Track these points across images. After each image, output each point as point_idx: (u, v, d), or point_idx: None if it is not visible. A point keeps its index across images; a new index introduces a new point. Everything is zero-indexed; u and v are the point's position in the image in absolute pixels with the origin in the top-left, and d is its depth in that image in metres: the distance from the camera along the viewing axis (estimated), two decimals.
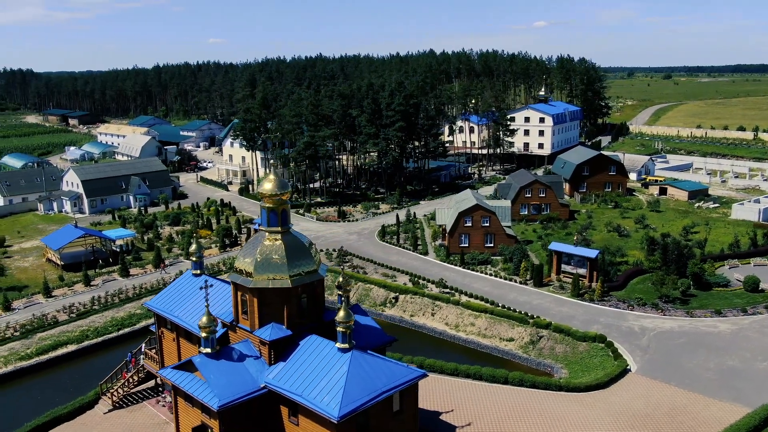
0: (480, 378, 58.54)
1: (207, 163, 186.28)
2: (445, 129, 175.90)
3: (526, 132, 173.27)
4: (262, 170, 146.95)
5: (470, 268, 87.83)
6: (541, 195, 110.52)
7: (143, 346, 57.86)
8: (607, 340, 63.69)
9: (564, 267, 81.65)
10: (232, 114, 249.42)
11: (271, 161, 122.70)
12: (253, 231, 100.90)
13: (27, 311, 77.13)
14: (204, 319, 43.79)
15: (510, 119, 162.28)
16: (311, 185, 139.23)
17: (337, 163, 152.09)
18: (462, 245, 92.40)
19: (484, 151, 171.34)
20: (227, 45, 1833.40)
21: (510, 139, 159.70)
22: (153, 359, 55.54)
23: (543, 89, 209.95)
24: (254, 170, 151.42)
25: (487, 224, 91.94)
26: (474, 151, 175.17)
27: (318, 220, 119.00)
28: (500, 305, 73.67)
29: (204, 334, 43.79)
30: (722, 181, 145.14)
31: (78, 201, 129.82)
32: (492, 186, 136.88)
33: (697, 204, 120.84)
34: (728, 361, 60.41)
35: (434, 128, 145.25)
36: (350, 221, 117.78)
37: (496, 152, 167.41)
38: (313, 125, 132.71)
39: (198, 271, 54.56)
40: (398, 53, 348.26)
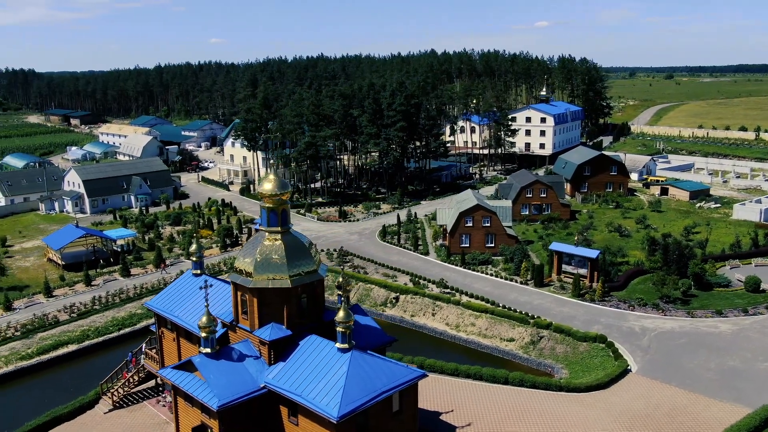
0: (480, 378, 58.55)
1: (208, 163, 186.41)
2: (447, 129, 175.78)
3: (528, 132, 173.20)
4: (264, 170, 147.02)
5: (471, 268, 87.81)
6: (542, 195, 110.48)
7: (144, 346, 57.93)
8: (608, 341, 63.65)
9: (565, 267, 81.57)
10: (234, 114, 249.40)
11: (271, 161, 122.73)
12: (254, 231, 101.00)
13: (28, 311, 77.26)
14: (204, 319, 43.83)
15: (511, 119, 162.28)
16: (312, 185, 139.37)
17: (338, 163, 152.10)
18: (463, 245, 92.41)
19: (485, 151, 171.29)
20: (228, 45, 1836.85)
21: (511, 139, 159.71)
22: (153, 359, 55.58)
23: (544, 89, 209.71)
24: (255, 170, 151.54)
25: (488, 224, 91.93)
26: (475, 151, 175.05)
27: (319, 220, 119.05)
28: (501, 305, 73.66)
29: (204, 334, 43.82)
30: (724, 182, 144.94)
31: (79, 201, 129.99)
32: (493, 186, 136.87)
33: (699, 204, 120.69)
34: (729, 362, 60.34)
35: (435, 128, 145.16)
36: (351, 221, 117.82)
37: (498, 152, 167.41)
38: (315, 125, 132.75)
39: (198, 271, 54.63)
40: (399, 53, 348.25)
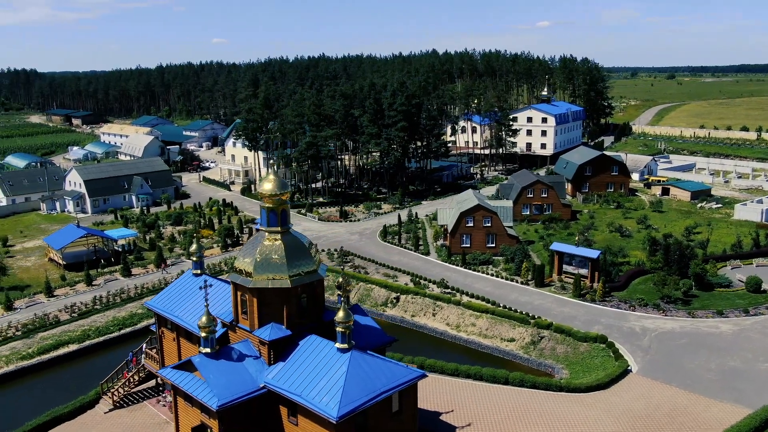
0: (480, 378, 58.51)
1: (209, 163, 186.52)
2: (448, 129, 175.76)
3: (529, 132, 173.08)
4: (265, 170, 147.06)
5: (472, 269, 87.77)
6: (543, 195, 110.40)
7: (144, 346, 57.97)
8: (608, 341, 63.59)
9: (566, 267, 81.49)
10: (235, 114, 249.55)
11: (271, 161, 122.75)
12: (255, 231, 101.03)
13: (29, 311, 77.32)
14: (203, 319, 43.83)
15: (512, 119, 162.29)
16: (313, 185, 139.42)
17: (339, 163, 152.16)
18: (464, 245, 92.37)
19: (487, 152, 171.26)
20: (230, 45, 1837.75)
21: (512, 140, 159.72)
22: (153, 359, 55.62)
23: (546, 89, 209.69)
24: (256, 170, 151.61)
25: (489, 224, 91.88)
26: (476, 152, 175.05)
27: (320, 220, 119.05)
28: (501, 305, 73.62)
29: (203, 334, 43.82)
30: (725, 182, 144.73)
31: (80, 201, 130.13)
32: (494, 186, 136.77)
33: (700, 204, 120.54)
34: (730, 362, 60.27)
35: (436, 128, 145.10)
36: (352, 221, 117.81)
37: (499, 152, 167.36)
38: (316, 125, 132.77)
39: (198, 271, 54.64)
40: (401, 53, 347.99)
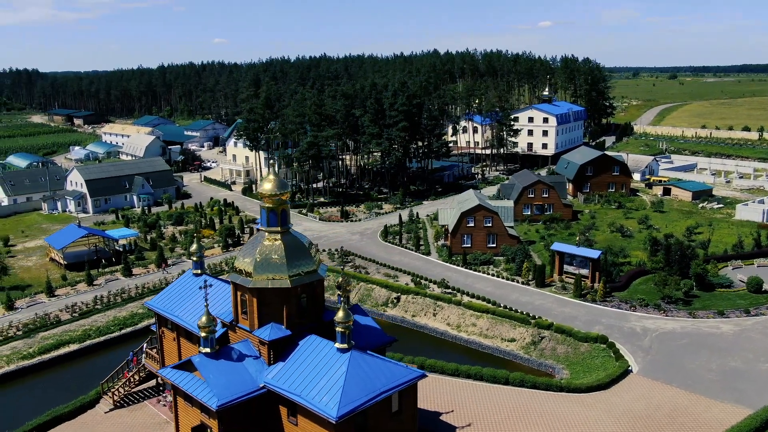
0: (481, 378, 58.49)
1: (211, 163, 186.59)
2: (449, 129, 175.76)
3: (530, 132, 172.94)
4: (266, 170, 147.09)
5: (472, 269, 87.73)
6: (544, 195, 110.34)
7: (145, 346, 58.01)
8: (609, 341, 63.53)
9: (566, 267, 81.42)
10: (237, 114, 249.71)
11: (271, 161, 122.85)
12: (256, 231, 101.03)
13: (30, 310, 77.39)
14: (203, 319, 43.83)
15: (514, 119, 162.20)
16: (314, 185, 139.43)
17: (341, 163, 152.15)
18: (464, 245, 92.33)
19: (488, 152, 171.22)
20: (231, 45, 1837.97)
21: (513, 140, 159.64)
22: (154, 359, 55.65)
23: (547, 89, 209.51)
24: (258, 170, 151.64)
25: (490, 224, 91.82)
26: (477, 152, 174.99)
27: (321, 220, 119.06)
28: (502, 306, 73.57)
29: (203, 334, 43.82)
30: (727, 182, 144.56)
31: (82, 200, 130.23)
32: (495, 186, 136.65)
33: (701, 204, 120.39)
34: (730, 363, 60.18)
35: (437, 128, 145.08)
36: (353, 221, 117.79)
37: (500, 152, 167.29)
38: (317, 125, 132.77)
39: (199, 271, 54.66)
40: (402, 53, 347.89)
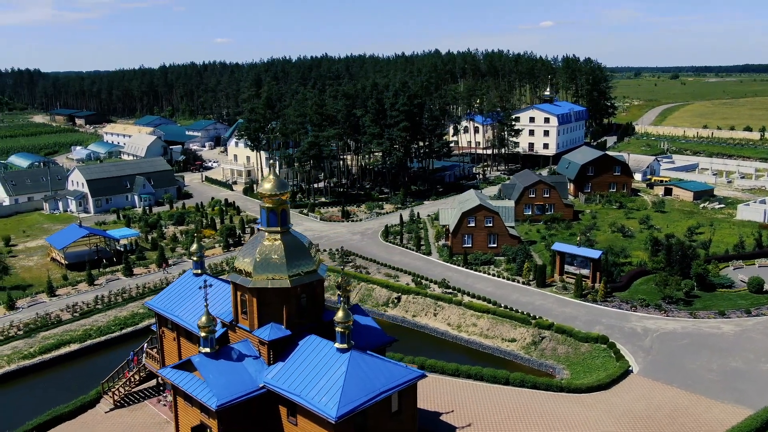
0: (481, 379, 58.45)
1: (212, 163, 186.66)
2: (450, 129, 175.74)
3: (531, 132, 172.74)
4: (267, 170, 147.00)
5: (473, 269, 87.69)
6: (546, 195, 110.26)
7: (145, 345, 58.04)
8: (610, 341, 63.47)
9: (567, 267, 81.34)
10: (238, 114, 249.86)
11: (271, 161, 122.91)
12: (257, 230, 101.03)
13: (31, 310, 77.48)
14: (203, 319, 43.83)
15: (515, 119, 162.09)
16: (315, 185, 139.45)
17: (342, 163, 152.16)
18: (465, 245, 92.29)
19: (489, 152, 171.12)
20: (233, 45, 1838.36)
21: (515, 140, 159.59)
22: (154, 358, 55.68)
23: (548, 89, 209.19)
24: (259, 170, 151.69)
25: (491, 224, 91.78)
26: (478, 152, 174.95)
27: (322, 220, 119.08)
28: (503, 306, 73.54)
29: (203, 334, 43.83)
30: (728, 182, 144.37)
31: (83, 200, 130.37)
32: (496, 186, 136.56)
33: (703, 204, 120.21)
34: (731, 363, 60.09)
35: (438, 128, 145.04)
36: (354, 221, 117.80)
37: (501, 152, 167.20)
38: (318, 125, 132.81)
39: (199, 271, 54.65)
40: (403, 53, 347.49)
